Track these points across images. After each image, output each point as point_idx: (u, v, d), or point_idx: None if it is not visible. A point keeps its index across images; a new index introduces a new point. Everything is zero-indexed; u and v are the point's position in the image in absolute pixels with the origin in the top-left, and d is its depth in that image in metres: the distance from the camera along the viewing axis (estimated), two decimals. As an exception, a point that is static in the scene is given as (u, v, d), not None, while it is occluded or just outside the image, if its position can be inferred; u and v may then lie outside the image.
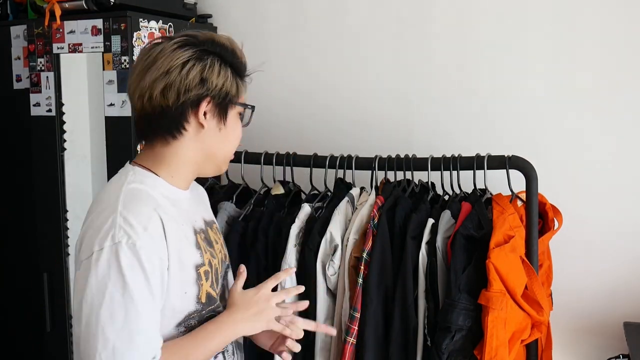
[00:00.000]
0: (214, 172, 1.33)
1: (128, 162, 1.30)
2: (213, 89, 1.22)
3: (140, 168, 1.25)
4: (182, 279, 1.22)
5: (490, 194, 1.79)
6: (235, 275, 1.39)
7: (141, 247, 1.12)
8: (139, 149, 1.96)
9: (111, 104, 2.03)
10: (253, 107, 1.32)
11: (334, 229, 1.76)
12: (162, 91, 1.19)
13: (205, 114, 1.23)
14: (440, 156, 1.81)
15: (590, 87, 1.99)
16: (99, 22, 2.02)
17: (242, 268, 1.36)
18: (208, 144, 1.26)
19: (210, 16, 2.42)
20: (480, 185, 1.79)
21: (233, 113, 1.28)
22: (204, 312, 1.27)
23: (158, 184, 1.24)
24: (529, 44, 2.05)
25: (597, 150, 2.00)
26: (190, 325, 1.25)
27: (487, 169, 1.74)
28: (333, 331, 1.51)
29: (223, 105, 1.25)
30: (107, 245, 1.11)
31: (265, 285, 1.33)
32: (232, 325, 1.27)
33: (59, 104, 2.13)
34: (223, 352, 1.33)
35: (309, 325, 1.40)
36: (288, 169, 1.91)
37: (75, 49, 2.07)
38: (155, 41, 1.25)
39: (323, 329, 1.51)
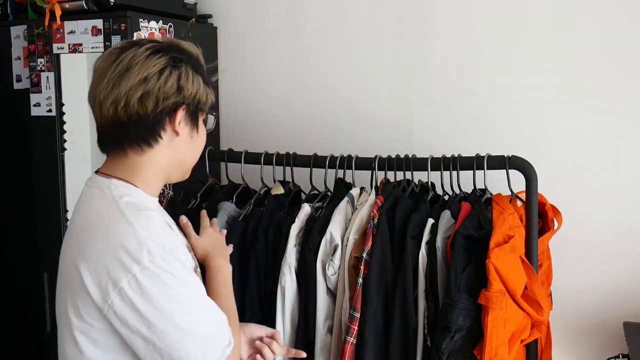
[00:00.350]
0: (181, 178, 1.32)
1: (94, 173, 1.27)
2: (188, 96, 1.22)
3: (117, 180, 1.22)
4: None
5: (490, 194, 1.79)
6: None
7: (176, 249, 1.16)
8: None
9: (111, 104, 2.02)
10: (216, 114, 1.33)
11: (334, 229, 1.76)
12: (139, 99, 1.17)
13: (179, 122, 1.22)
14: (440, 156, 1.81)
15: (590, 87, 1.99)
16: (99, 23, 2.02)
17: (184, 219, 1.43)
18: (181, 150, 1.25)
19: (210, 16, 2.42)
20: (480, 185, 1.79)
21: (201, 120, 1.29)
22: None
23: (140, 195, 1.22)
24: (529, 44, 2.05)
25: (597, 150, 2.00)
26: None
27: (487, 169, 1.74)
28: (302, 354, 1.47)
29: (195, 112, 1.25)
30: (146, 260, 1.10)
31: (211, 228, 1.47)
32: (226, 267, 1.37)
33: (59, 104, 2.13)
34: None
35: (280, 350, 1.40)
36: (288, 169, 1.91)
37: (75, 49, 2.07)
38: (118, 46, 1.22)
39: (293, 353, 1.48)
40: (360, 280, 1.72)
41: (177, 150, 1.25)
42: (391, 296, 1.72)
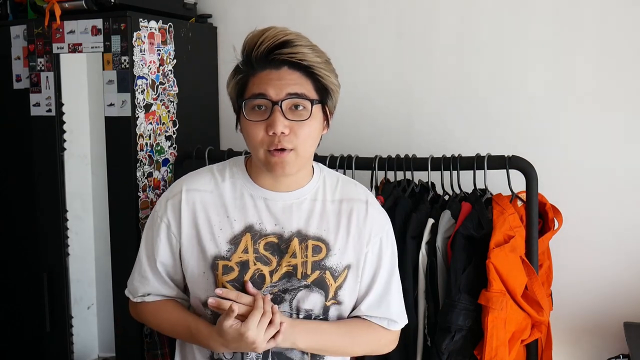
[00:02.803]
0: (264, 168, 1.32)
1: None
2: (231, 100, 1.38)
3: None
4: (198, 259, 1.33)
5: (490, 194, 1.79)
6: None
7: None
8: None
9: (111, 104, 2.02)
10: (243, 101, 1.30)
11: (334, 229, 1.76)
12: None
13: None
14: (440, 156, 1.81)
15: (590, 87, 1.99)
16: (99, 22, 2.01)
17: (232, 307, 1.23)
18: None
19: (210, 16, 2.42)
20: (480, 185, 1.79)
21: (242, 112, 1.30)
22: None
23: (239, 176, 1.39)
24: (529, 44, 2.04)
25: (597, 150, 2.00)
26: (215, 312, 1.30)
27: (487, 169, 1.74)
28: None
29: (235, 110, 1.35)
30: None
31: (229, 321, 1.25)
32: (204, 337, 1.31)
33: (59, 104, 2.13)
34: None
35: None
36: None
37: (75, 49, 2.07)
38: None
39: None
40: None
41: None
42: (391, 296, 1.72)
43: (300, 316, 1.33)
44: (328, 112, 1.34)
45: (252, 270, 1.31)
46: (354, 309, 1.39)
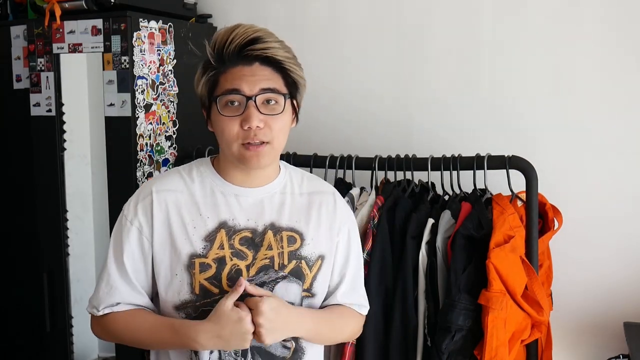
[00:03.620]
0: (238, 163, 1.33)
1: None
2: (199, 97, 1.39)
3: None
4: (170, 260, 1.31)
5: (490, 194, 1.79)
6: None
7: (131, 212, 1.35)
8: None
9: (111, 104, 2.03)
10: (216, 98, 1.31)
11: (334, 229, 1.76)
12: None
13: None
14: (440, 156, 1.81)
15: (590, 87, 1.99)
16: (99, 22, 2.01)
17: (240, 282, 1.25)
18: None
19: (210, 16, 2.42)
20: (480, 185, 1.79)
21: (214, 109, 1.32)
22: (198, 303, 1.29)
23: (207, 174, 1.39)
24: (529, 43, 2.04)
25: (597, 150, 2.00)
26: (189, 313, 1.29)
27: (487, 169, 1.74)
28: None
29: (205, 107, 1.37)
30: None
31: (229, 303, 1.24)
32: (192, 331, 1.25)
33: (59, 104, 2.13)
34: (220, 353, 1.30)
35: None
36: (288, 169, 1.91)
37: (75, 49, 2.07)
38: None
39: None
40: (360, 281, 1.72)
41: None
42: (391, 296, 1.72)
43: None
44: (297, 106, 1.38)
45: (229, 265, 1.30)
46: (325, 298, 1.42)
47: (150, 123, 2.08)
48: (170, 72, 2.15)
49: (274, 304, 1.25)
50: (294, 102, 1.36)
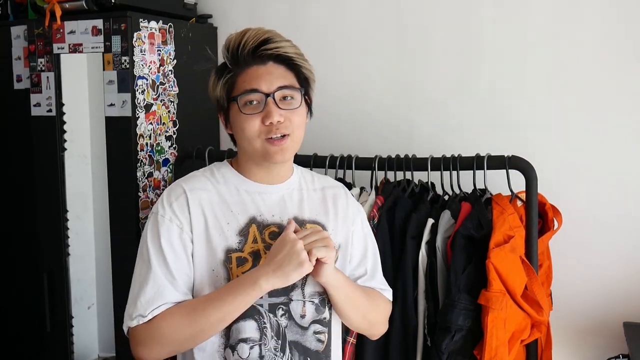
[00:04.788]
0: (262, 160, 1.37)
1: None
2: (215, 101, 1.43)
3: None
4: (207, 256, 1.33)
5: (490, 194, 1.79)
6: None
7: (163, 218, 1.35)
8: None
9: (111, 104, 2.03)
10: (235, 98, 1.36)
11: (334, 229, 1.76)
12: None
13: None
14: (440, 156, 1.81)
15: (590, 87, 1.99)
16: (99, 23, 2.02)
17: (290, 221, 1.35)
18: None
19: (210, 16, 2.42)
20: (480, 185, 1.79)
21: (234, 109, 1.37)
22: None
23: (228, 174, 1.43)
24: (529, 43, 2.04)
25: (597, 150, 2.00)
26: None
27: (487, 169, 1.74)
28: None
29: (224, 109, 1.40)
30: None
31: (285, 232, 1.31)
32: (253, 276, 1.27)
33: (59, 104, 2.13)
34: (260, 345, 1.32)
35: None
36: (288, 169, 1.91)
37: (75, 49, 2.07)
38: None
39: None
40: (360, 280, 1.72)
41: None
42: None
43: (315, 300, 1.38)
44: (309, 101, 1.46)
45: (264, 259, 1.33)
46: None
47: (151, 123, 2.08)
48: (170, 72, 2.15)
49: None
50: (307, 97, 1.43)
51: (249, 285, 1.27)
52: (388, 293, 1.53)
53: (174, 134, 2.19)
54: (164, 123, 2.14)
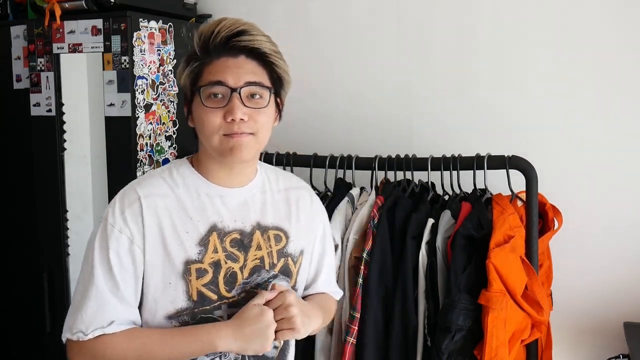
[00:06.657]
0: (220, 157, 1.28)
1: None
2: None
3: None
4: (163, 268, 1.25)
5: (490, 194, 1.79)
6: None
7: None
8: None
9: (111, 104, 2.03)
10: (199, 88, 1.26)
11: (334, 229, 1.76)
12: None
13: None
14: (440, 156, 1.81)
15: (590, 87, 1.99)
16: (99, 22, 2.02)
17: (272, 288, 1.28)
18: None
19: (210, 16, 2.42)
20: (480, 185, 1.79)
21: (197, 100, 1.27)
22: (196, 310, 1.27)
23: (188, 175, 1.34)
24: (529, 44, 2.04)
25: (597, 150, 2.00)
26: (184, 321, 1.26)
27: (487, 169, 1.74)
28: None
29: (188, 99, 1.31)
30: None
31: (255, 302, 1.25)
32: (213, 333, 1.22)
33: (59, 104, 2.13)
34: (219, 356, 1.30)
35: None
36: (288, 168, 1.91)
37: (75, 49, 2.07)
38: None
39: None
40: (360, 281, 1.72)
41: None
42: (391, 296, 1.72)
43: None
44: (280, 104, 1.34)
45: (225, 269, 1.29)
46: (305, 288, 1.46)
47: (150, 123, 2.08)
48: (170, 72, 2.15)
49: (294, 295, 1.28)
50: (278, 99, 1.33)
51: (205, 340, 1.21)
52: (338, 295, 1.56)
53: (174, 133, 2.19)
54: (163, 123, 2.14)
